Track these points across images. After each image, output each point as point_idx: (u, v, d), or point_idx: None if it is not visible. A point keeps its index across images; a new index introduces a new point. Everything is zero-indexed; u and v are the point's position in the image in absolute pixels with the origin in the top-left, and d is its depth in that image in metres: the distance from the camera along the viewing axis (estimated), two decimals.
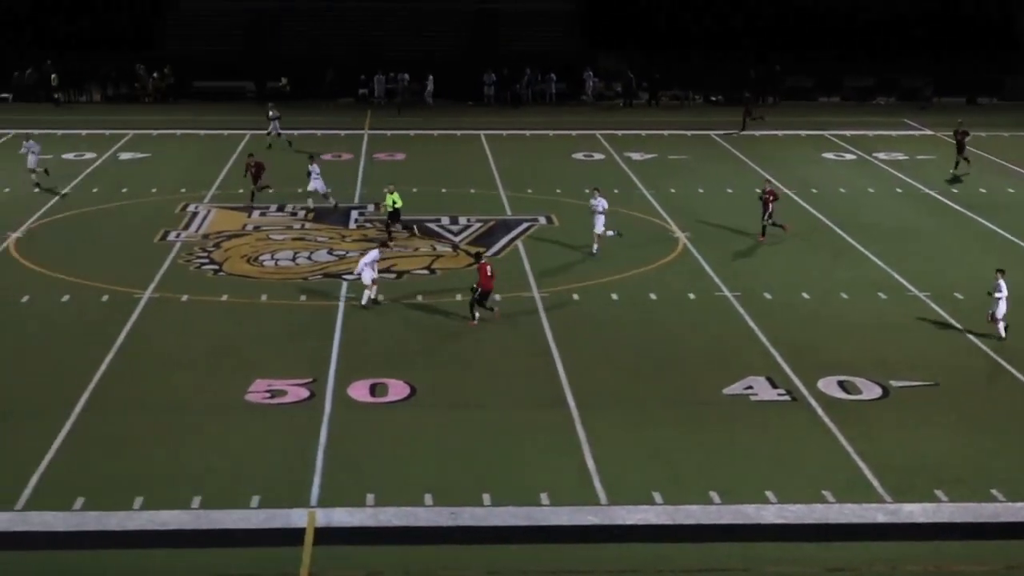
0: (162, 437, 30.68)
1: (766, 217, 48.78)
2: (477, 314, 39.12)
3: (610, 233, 46.64)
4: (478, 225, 50.88)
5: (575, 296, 41.78)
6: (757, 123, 74.81)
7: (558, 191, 56.86)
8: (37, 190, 55.40)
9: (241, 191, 55.51)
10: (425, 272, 44.62)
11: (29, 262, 45.19)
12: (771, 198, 48.75)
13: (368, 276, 40.29)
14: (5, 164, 62.45)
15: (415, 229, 49.60)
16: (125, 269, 44.13)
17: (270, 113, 68.60)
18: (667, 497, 27.61)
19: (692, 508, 27.25)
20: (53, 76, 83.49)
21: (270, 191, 53.86)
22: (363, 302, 40.45)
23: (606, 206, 46.58)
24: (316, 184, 52.89)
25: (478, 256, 40.85)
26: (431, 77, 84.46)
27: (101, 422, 31.55)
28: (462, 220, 51.59)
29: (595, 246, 46.54)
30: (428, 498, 27.45)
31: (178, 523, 26.40)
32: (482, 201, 55.10)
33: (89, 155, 65.07)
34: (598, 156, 66.33)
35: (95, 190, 56.31)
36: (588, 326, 38.97)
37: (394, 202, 48.49)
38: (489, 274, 39.23)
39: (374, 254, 41.37)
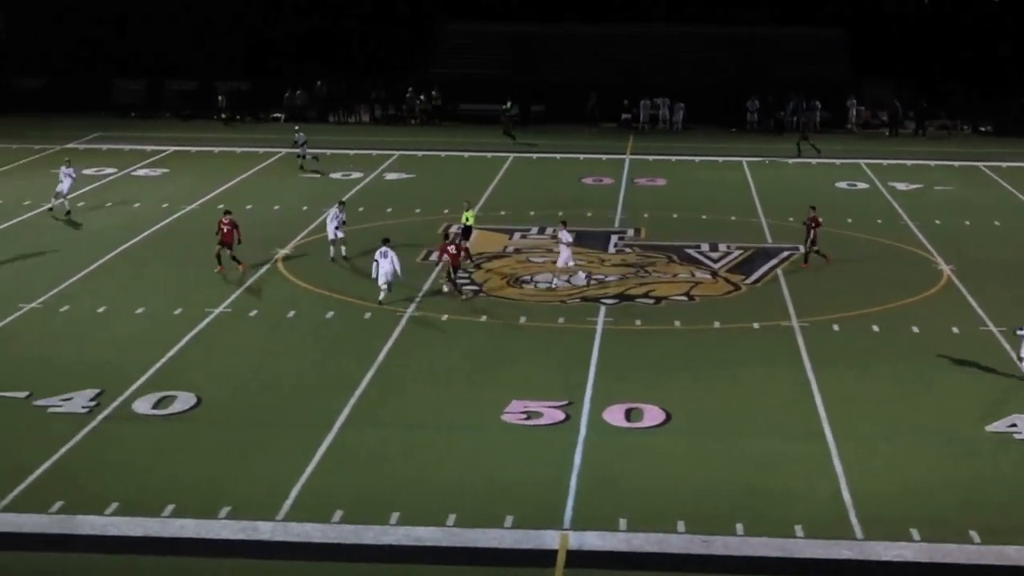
0: (420, 453, 31.13)
1: (809, 243, 48.22)
2: (457, 286, 44.12)
3: (582, 275, 46.40)
4: (738, 252, 50.51)
5: (835, 327, 41.20)
6: (811, 151, 73.58)
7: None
8: (51, 209, 56.31)
9: (503, 213, 56.19)
10: (683, 298, 44.46)
11: (296, 278, 46.30)
12: (814, 224, 48.07)
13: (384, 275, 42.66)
14: (274, 181, 64.26)
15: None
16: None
17: (298, 136, 69.00)
18: (924, 534, 27.01)
19: (950, 547, 26.57)
20: (220, 97, 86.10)
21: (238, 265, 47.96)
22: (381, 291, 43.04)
23: (570, 239, 45.76)
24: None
25: (446, 236, 46.33)
26: (681, 104, 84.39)
27: (361, 436, 32.14)
28: (722, 247, 51.28)
29: (555, 280, 45.70)
30: (681, 525, 27.32)
31: (433, 539, 26.72)
32: (742, 228, 54.73)
33: (356, 174, 66.48)
34: (862, 185, 65.39)
35: (361, 209, 57.40)
36: (848, 357, 38.38)
37: (467, 219, 49.10)
38: (454, 251, 43.88)
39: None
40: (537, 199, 60.34)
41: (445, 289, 44.22)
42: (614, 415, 33.49)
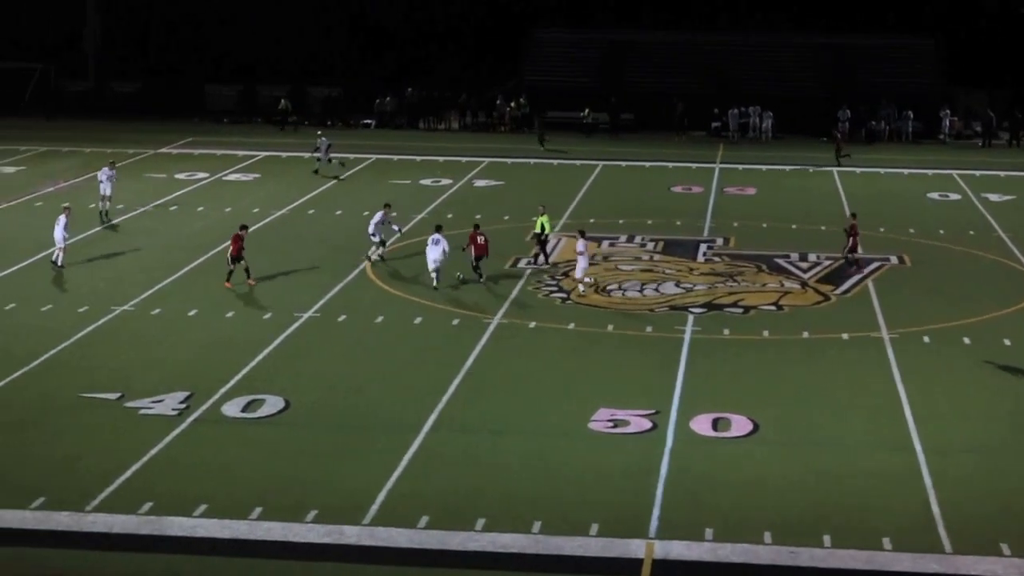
0: (506, 459, 31.15)
1: (847, 250, 49.11)
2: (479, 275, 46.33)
3: (588, 280, 45.99)
4: (827, 263, 50.15)
5: (925, 338, 40.83)
6: (846, 159, 73.32)
7: (911, 231, 55.71)
8: (106, 215, 56.99)
9: (592, 220, 56.11)
10: (772, 308, 44.23)
11: (384, 284, 46.51)
12: (853, 232, 48.91)
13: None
14: (363, 187, 64.57)
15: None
16: (475, 294, 45.03)
17: (320, 141, 69.29)
18: (1015, 549, 26.66)
19: None
20: (283, 101, 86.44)
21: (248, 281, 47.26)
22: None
23: (582, 248, 45.71)
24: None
25: (476, 226, 47.37)
26: (770, 113, 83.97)
27: (448, 441, 32.21)
28: (811, 257, 50.97)
29: (581, 287, 45.57)
30: (767, 536, 27.16)
31: (518, 546, 26.70)
32: (832, 238, 54.24)
33: (445, 181, 66.71)
34: (954, 196, 64.77)
35: (450, 216, 57.58)
36: (938, 369, 38.03)
37: (543, 225, 49.17)
38: (481, 242, 45.93)
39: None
40: (626, 207, 60.30)
41: (457, 277, 46.19)
42: (701, 424, 33.36)
